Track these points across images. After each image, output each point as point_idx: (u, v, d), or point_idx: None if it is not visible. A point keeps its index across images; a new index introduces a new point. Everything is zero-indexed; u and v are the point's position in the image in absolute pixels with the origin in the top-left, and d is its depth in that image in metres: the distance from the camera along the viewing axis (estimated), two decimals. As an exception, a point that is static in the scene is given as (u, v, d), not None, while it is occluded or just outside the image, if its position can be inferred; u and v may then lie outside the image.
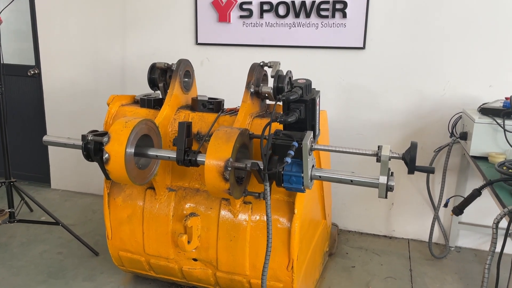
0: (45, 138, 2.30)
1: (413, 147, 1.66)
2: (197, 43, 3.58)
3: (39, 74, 4.11)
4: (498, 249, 1.88)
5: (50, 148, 4.28)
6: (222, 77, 3.58)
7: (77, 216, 3.71)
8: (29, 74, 4.09)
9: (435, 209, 3.21)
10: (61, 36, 3.97)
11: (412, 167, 1.66)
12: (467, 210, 2.87)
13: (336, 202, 3.45)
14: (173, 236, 2.35)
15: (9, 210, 3.05)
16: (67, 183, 4.32)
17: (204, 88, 2.97)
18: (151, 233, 2.39)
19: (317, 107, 1.88)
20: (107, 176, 2.12)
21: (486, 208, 2.99)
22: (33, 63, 4.18)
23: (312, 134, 1.80)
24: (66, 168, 4.27)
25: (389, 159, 1.70)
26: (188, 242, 2.27)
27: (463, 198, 2.32)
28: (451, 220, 3.26)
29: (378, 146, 1.73)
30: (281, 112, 1.96)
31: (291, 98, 1.75)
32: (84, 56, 3.94)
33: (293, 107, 1.82)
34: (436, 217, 3.20)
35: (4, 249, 3.11)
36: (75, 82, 4.02)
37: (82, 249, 3.08)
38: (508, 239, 1.89)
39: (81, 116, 4.06)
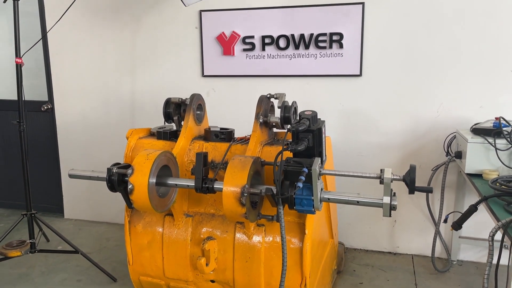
0: (70, 172, 2.47)
1: (412, 170, 1.84)
2: (204, 75, 3.80)
3: (52, 109, 4.32)
4: (495, 260, 2.04)
5: (63, 179, 4.45)
6: (228, 106, 3.78)
7: (92, 244, 3.85)
8: (42, 109, 4.31)
9: (436, 224, 3.37)
10: (73, 73, 4.18)
11: (412, 188, 1.84)
12: (466, 225, 3.02)
13: (342, 221, 3.60)
14: (191, 259, 2.50)
15: (30, 241, 3.19)
16: (80, 213, 4.47)
17: (211, 117, 3.16)
18: (171, 257, 2.54)
19: (323, 135, 2.07)
20: (129, 205, 2.29)
21: (484, 222, 3.14)
22: (45, 98, 4.38)
23: (320, 160, 1.98)
24: (79, 197, 4.43)
25: (391, 181, 1.88)
26: (206, 264, 2.42)
27: (461, 214, 2.48)
28: (452, 235, 3.42)
29: (381, 170, 1.91)
30: (289, 139, 2.15)
31: (300, 129, 1.95)
32: (96, 91, 4.15)
33: (301, 136, 2.01)
34: (437, 232, 3.36)
35: (25, 279, 3.23)
36: (87, 116, 4.22)
37: (100, 276, 3.22)
38: (505, 250, 2.04)
39: (93, 149, 4.24)
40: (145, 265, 2.62)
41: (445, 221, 3.22)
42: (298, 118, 2.11)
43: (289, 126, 2.38)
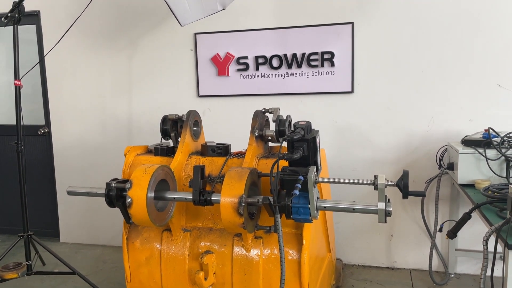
0: (68, 189, 2.49)
1: (405, 175, 1.89)
2: (199, 96, 3.88)
3: (49, 132, 4.35)
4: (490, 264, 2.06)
5: (59, 202, 4.44)
6: (223, 124, 3.84)
7: (89, 266, 3.82)
8: (39, 133, 4.34)
9: (432, 237, 3.39)
10: (70, 96, 4.25)
11: (406, 193, 1.88)
12: (462, 237, 3.05)
13: (339, 237, 3.62)
14: (190, 274, 2.50)
15: (26, 263, 3.16)
16: (76, 236, 4.44)
17: (207, 135, 3.22)
18: (169, 273, 2.54)
19: (318, 145, 2.13)
20: (128, 220, 2.31)
21: (479, 234, 3.18)
22: (42, 122, 4.42)
23: (315, 168, 2.02)
24: (75, 221, 4.41)
25: (385, 187, 1.92)
26: (205, 278, 2.41)
27: (455, 222, 2.52)
28: (448, 248, 3.44)
29: (375, 176, 1.96)
30: (284, 152, 2.20)
31: (295, 138, 2.00)
32: (92, 114, 4.21)
33: (297, 145, 2.06)
34: (433, 245, 3.38)
35: (21, 302, 3.20)
36: (84, 138, 4.26)
37: (98, 298, 3.19)
38: (499, 262, 2.05)
39: (90, 170, 4.26)
40: (143, 281, 2.61)
41: (440, 229, 3.25)
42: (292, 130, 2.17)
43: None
